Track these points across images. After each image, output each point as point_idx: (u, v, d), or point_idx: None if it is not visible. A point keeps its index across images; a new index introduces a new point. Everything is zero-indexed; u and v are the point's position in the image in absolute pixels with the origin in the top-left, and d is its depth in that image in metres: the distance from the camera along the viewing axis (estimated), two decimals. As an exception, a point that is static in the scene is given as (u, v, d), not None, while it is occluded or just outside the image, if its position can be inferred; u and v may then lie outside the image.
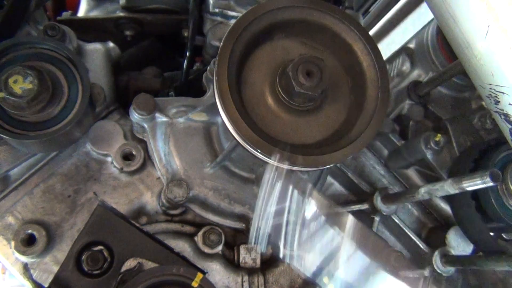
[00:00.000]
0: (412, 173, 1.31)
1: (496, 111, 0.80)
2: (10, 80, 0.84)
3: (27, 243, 0.95)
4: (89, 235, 0.88)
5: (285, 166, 0.79)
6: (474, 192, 1.08)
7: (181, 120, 1.06)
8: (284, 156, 0.76)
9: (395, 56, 1.57)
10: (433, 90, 1.37)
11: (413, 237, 1.22)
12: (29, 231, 0.96)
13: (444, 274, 1.13)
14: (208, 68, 1.16)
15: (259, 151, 0.75)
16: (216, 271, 1.00)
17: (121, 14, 1.45)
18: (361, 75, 0.84)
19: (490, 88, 0.77)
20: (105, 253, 0.88)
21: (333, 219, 0.94)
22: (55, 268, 0.94)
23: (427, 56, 1.44)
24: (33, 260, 0.96)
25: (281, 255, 1.07)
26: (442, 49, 1.38)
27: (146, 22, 1.47)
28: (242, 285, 1.01)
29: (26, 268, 0.97)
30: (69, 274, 0.85)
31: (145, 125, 1.06)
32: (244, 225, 1.05)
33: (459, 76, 1.36)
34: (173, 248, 0.91)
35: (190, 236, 1.03)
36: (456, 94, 1.44)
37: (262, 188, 0.86)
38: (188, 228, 1.05)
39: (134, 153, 1.06)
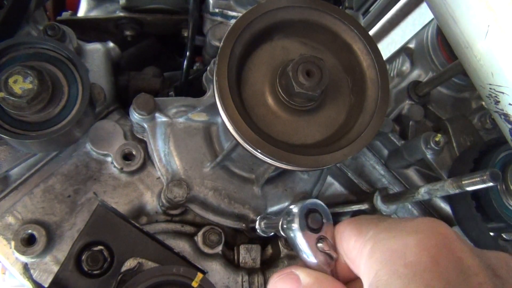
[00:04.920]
0: (412, 173, 1.31)
1: (496, 111, 0.80)
2: (10, 80, 0.84)
3: (27, 243, 0.95)
4: (89, 235, 0.88)
5: (285, 166, 0.79)
6: (474, 192, 1.08)
7: (181, 120, 1.06)
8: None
9: (395, 56, 1.57)
10: (433, 90, 1.37)
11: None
12: (29, 231, 0.96)
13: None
14: (208, 68, 1.16)
15: (259, 151, 0.75)
16: (216, 271, 1.00)
17: (121, 14, 1.45)
18: (361, 75, 0.83)
19: (490, 88, 0.77)
20: (105, 253, 0.87)
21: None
22: (55, 268, 0.94)
23: (427, 56, 1.44)
24: (33, 260, 0.96)
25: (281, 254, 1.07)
26: (442, 49, 1.38)
27: (146, 22, 1.47)
28: (242, 285, 1.01)
29: (26, 268, 0.97)
30: (69, 274, 0.85)
31: (145, 125, 1.06)
32: (244, 225, 1.05)
33: (459, 76, 1.36)
34: (173, 248, 0.91)
35: (190, 236, 1.03)
36: (456, 94, 1.45)
37: None
38: (188, 228, 1.05)
39: (134, 153, 1.06)
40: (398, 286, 0.40)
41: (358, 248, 0.49)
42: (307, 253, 0.55)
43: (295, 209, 0.57)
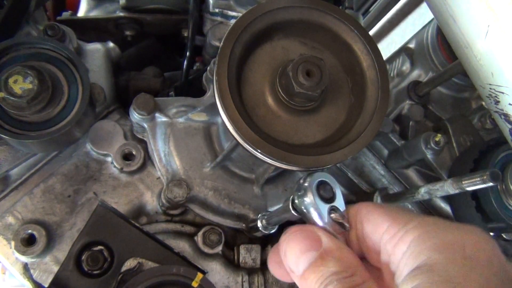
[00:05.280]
0: (412, 173, 1.31)
1: (496, 111, 0.80)
2: (10, 80, 0.84)
3: (27, 243, 0.95)
4: (89, 235, 0.88)
5: (285, 166, 0.79)
6: (474, 192, 1.08)
7: (181, 120, 1.06)
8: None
9: (395, 56, 1.57)
10: (433, 90, 1.37)
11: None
12: (29, 231, 0.96)
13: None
14: (208, 68, 1.16)
15: (259, 151, 0.75)
16: (216, 271, 1.00)
17: (121, 14, 1.45)
18: (361, 75, 0.83)
19: (490, 88, 0.77)
20: (105, 253, 0.88)
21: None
22: (55, 268, 0.94)
23: (427, 56, 1.43)
24: (33, 260, 0.96)
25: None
26: (442, 49, 1.38)
27: (146, 22, 1.47)
28: (242, 285, 1.01)
29: (26, 268, 0.97)
30: (69, 274, 0.85)
31: (145, 125, 1.06)
32: (244, 225, 1.05)
33: (459, 76, 1.35)
34: (173, 248, 0.91)
35: (190, 236, 1.03)
36: (456, 94, 1.44)
37: None
38: (188, 228, 1.05)
39: (134, 153, 1.06)
40: (458, 273, 0.42)
41: (394, 235, 0.50)
42: (321, 223, 0.55)
43: (306, 182, 0.57)
